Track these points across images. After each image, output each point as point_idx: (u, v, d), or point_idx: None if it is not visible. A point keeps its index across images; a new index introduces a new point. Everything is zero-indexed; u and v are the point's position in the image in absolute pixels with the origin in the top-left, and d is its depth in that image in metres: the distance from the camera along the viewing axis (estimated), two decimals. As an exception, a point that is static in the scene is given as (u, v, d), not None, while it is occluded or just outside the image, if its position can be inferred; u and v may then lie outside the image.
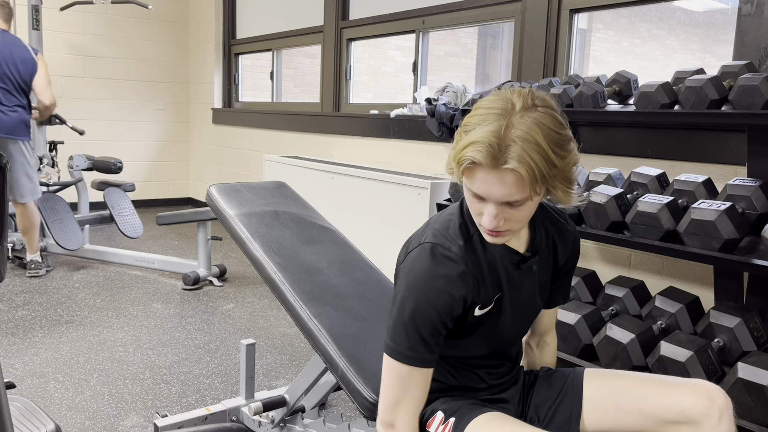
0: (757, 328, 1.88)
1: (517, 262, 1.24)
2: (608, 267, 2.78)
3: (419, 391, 1.22)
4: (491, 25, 3.81)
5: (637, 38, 5.22)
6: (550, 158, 1.04)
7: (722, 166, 2.41)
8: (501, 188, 1.06)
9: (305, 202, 2.30)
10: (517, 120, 1.04)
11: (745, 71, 2.04)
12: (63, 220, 4.27)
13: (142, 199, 6.50)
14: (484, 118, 1.06)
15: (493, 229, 1.11)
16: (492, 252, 1.22)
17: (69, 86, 6.08)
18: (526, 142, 1.03)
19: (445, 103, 3.46)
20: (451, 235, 1.20)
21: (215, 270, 4.05)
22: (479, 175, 1.06)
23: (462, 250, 1.18)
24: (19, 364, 2.68)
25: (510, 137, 1.03)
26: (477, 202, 1.12)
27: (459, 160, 1.07)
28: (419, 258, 1.19)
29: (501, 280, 1.24)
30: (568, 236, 1.33)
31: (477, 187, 1.08)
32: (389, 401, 1.22)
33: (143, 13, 6.28)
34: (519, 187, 1.05)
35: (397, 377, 1.20)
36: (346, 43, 4.67)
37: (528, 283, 1.28)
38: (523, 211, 1.10)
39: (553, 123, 1.06)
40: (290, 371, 2.73)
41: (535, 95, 1.09)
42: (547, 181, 1.06)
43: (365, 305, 1.83)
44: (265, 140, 5.59)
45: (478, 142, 1.04)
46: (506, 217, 1.10)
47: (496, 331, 1.26)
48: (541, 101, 1.08)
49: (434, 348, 1.19)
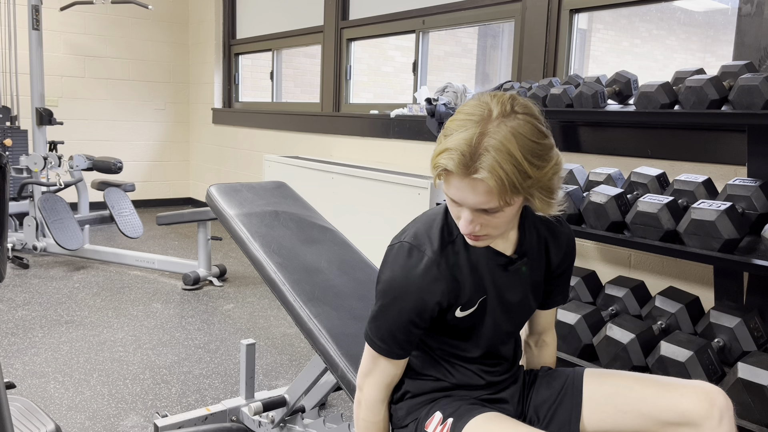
0: (757, 328, 1.88)
1: (503, 264, 1.24)
2: (608, 267, 2.78)
3: (388, 371, 1.29)
4: (491, 25, 3.81)
5: (637, 38, 5.22)
6: (524, 168, 1.02)
7: (722, 166, 2.41)
8: (473, 196, 1.06)
9: (305, 202, 2.30)
10: (493, 128, 1.03)
11: (745, 71, 2.04)
12: (63, 220, 4.27)
13: (142, 199, 6.50)
14: (462, 125, 1.06)
15: (469, 234, 1.13)
16: (476, 254, 1.22)
17: (69, 86, 6.08)
18: (499, 152, 1.01)
19: (445, 103, 3.46)
20: (432, 237, 1.21)
21: (215, 270, 4.05)
22: (453, 182, 1.07)
23: (438, 255, 1.19)
24: (19, 364, 2.69)
25: (483, 146, 1.02)
26: (455, 207, 1.13)
27: (434, 165, 1.08)
28: (397, 257, 1.21)
29: (485, 282, 1.23)
30: (562, 237, 1.32)
31: (452, 193, 1.09)
32: (362, 370, 1.31)
33: (143, 13, 6.28)
34: (489, 197, 1.05)
35: (371, 355, 1.28)
36: (346, 43, 4.67)
37: (517, 285, 1.27)
38: (499, 218, 1.10)
39: (531, 132, 1.04)
40: (290, 371, 2.73)
41: (516, 101, 1.07)
42: (519, 191, 1.04)
43: (365, 305, 1.83)
44: (265, 140, 5.59)
45: (451, 149, 1.04)
46: (482, 222, 1.11)
47: (482, 332, 1.27)
48: (521, 108, 1.07)
49: (404, 344, 1.24)
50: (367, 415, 1.31)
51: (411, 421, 1.33)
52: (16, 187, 4.59)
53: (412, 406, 1.33)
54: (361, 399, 1.32)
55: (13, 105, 5.17)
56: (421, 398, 1.33)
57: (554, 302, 1.41)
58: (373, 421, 1.32)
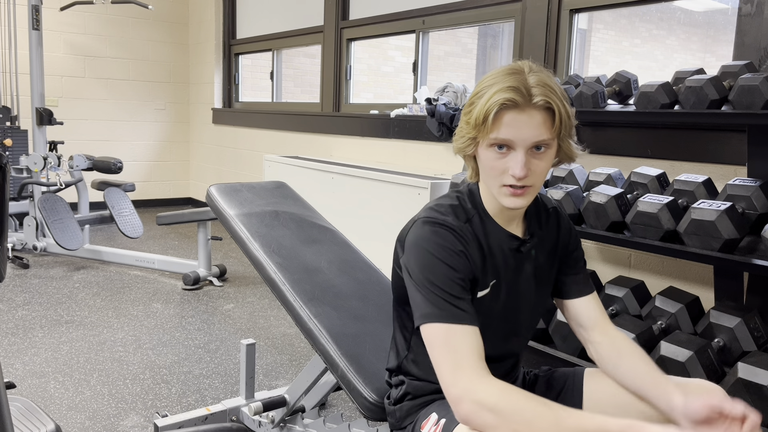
0: (757, 328, 1.88)
1: (516, 246, 1.26)
2: (608, 267, 2.78)
3: (470, 347, 1.10)
4: (491, 25, 3.81)
5: (637, 38, 5.22)
6: (565, 104, 1.13)
7: (722, 166, 2.41)
8: (530, 128, 1.11)
9: (305, 202, 2.30)
10: (532, 74, 1.12)
11: (745, 71, 2.04)
12: (63, 220, 4.27)
13: (142, 199, 6.51)
14: (498, 79, 1.12)
15: (522, 176, 1.12)
16: (490, 237, 1.23)
17: (69, 86, 6.08)
18: (547, 87, 1.11)
19: (445, 103, 3.46)
20: (447, 215, 1.22)
21: (215, 270, 4.05)
22: (506, 119, 1.11)
23: (458, 226, 1.20)
24: (19, 364, 2.69)
25: (531, 83, 1.11)
26: (501, 158, 1.14)
27: (486, 110, 1.11)
28: (419, 229, 1.21)
29: (498, 265, 1.24)
30: (560, 218, 1.36)
31: (505, 132, 1.11)
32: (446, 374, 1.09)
33: (143, 13, 6.28)
34: (544, 128, 1.11)
35: (441, 342, 1.11)
36: (346, 43, 4.67)
37: (527, 270, 1.28)
38: (545, 161, 1.15)
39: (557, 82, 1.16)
40: (290, 371, 2.73)
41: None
42: (564, 127, 1.14)
43: (365, 305, 1.83)
44: (265, 140, 5.59)
45: (504, 88, 1.10)
46: (531, 168, 1.13)
47: (492, 319, 1.26)
48: (541, 68, 1.16)
49: (460, 303, 1.13)
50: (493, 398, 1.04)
51: (409, 423, 1.33)
52: (16, 187, 4.59)
53: (412, 407, 1.33)
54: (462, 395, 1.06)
55: (13, 105, 5.17)
56: (420, 399, 1.33)
57: (580, 289, 1.34)
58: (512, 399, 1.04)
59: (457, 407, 1.07)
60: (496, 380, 1.07)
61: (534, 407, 1.02)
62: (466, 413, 1.05)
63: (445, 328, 1.11)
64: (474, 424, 1.05)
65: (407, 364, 1.36)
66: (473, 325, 1.13)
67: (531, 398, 1.04)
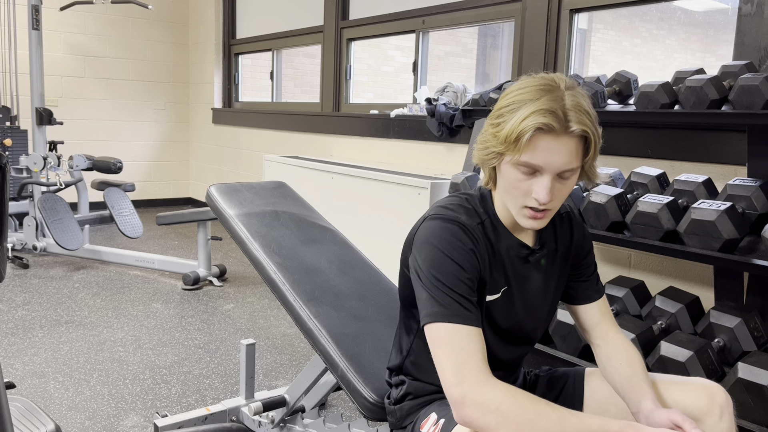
0: (757, 328, 1.88)
1: (525, 255, 1.24)
2: (608, 267, 2.78)
3: (475, 348, 1.09)
4: (491, 25, 3.81)
5: (637, 38, 5.22)
6: (598, 129, 1.12)
7: (722, 166, 2.41)
8: (562, 156, 1.08)
9: (305, 202, 2.30)
10: (568, 94, 1.09)
11: (745, 71, 2.04)
12: (63, 220, 4.27)
13: (142, 199, 6.50)
14: (532, 95, 1.09)
15: (547, 202, 1.10)
16: (500, 244, 1.22)
17: (69, 86, 6.08)
18: (583, 112, 1.09)
19: (445, 103, 3.46)
20: (459, 214, 1.20)
21: (215, 270, 4.05)
22: (541, 144, 1.07)
23: (471, 226, 1.19)
24: (19, 364, 2.68)
25: (568, 106, 1.08)
26: (526, 180, 1.11)
27: (520, 132, 1.07)
28: (430, 225, 1.19)
29: (508, 272, 1.23)
30: (573, 222, 1.34)
31: (538, 158, 1.08)
32: (449, 374, 1.07)
33: (143, 13, 6.28)
34: (578, 155, 1.10)
35: (446, 341, 1.10)
36: (346, 43, 4.67)
37: (536, 278, 1.27)
38: (568, 186, 1.13)
39: (590, 101, 1.13)
40: (290, 371, 2.73)
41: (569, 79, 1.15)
42: (593, 151, 1.12)
43: (365, 305, 1.83)
44: (265, 140, 5.59)
45: (541, 111, 1.06)
46: (554, 192, 1.12)
47: (505, 326, 1.25)
48: (574, 84, 1.14)
49: (467, 304, 1.12)
50: (497, 401, 1.04)
51: (410, 422, 1.33)
52: (16, 187, 4.59)
53: (412, 407, 1.33)
54: (465, 397, 1.05)
55: (13, 105, 5.17)
56: (421, 399, 1.33)
57: (589, 295, 1.34)
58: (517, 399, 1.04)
59: (458, 408, 1.07)
60: (499, 382, 1.07)
61: (537, 409, 1.03)
62: (468, 415, 1.05)
63: (451, 328, 1.10)
64: (475, 425, 1.05)
65: (409, 365, 1.35)
66: (478, 326, 1.12)
67: (534, 400, 1.05)
